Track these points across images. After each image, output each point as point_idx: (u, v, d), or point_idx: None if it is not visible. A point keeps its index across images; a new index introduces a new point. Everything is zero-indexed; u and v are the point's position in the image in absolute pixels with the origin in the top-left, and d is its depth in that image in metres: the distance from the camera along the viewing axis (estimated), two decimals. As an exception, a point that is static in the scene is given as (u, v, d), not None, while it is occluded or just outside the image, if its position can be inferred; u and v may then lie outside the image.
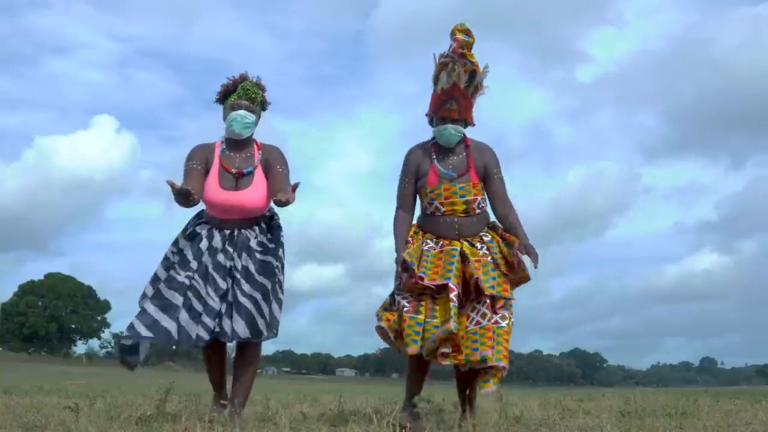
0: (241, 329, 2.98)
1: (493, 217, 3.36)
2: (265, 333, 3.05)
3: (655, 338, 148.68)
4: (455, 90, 3.20)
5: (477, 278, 3.05)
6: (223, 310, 3.02)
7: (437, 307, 3.05)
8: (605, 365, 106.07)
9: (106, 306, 70.42)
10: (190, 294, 3.01)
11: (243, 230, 3.14)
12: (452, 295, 2.98)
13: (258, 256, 3.09)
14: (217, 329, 3.00)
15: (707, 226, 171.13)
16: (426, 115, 3.34)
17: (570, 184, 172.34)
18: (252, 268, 3.06)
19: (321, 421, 3.26)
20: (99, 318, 71.64)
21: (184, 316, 2.97)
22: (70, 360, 65.80)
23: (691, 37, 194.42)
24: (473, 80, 3.24)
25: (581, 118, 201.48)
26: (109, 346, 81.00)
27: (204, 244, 3.11)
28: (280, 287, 3.16)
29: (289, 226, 3.41)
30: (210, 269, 3.06)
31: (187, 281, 3.03)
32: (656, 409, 4.40)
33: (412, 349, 2.99)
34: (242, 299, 2.99)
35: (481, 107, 3.39)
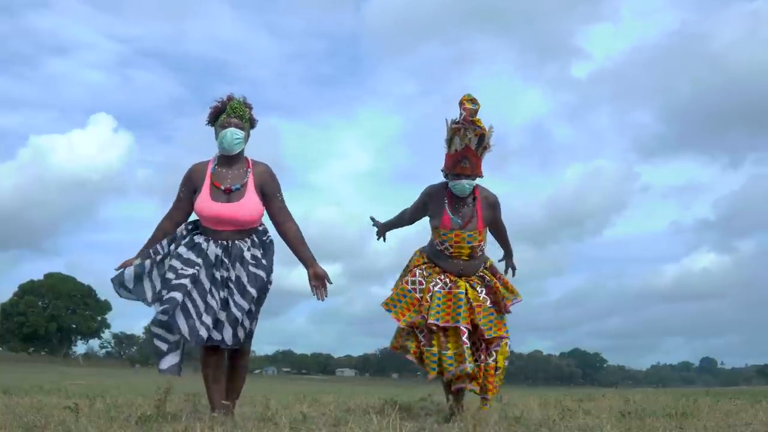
0: (229, 337, 3.14)
1: (492, 257, 3.98)
2: (243, 341, 3.24)
3: (655, 338, 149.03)
4: (468, 151, 3.70)
5: (478, 325, 3.65)
6: (222, 318, 3.19)
7: (449, 342, 3.64)
8: (605, 365, 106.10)
9: (106, 306, 70.40)
10: (193, 295, 3.19)
11: (237, 241, 3.29)
12: (464, 338, 3.58)
13: (251, 268, 3.24)
14: (214, 335, 3.16)
15: (705, 225, 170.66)
16: (441, 170, 3.84)
17: (567, 183, 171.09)
18: (244, 279, 3.21)
19: (321, 421, 3.27)
20: (99, 318, 71.64)
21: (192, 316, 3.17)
22: (69, 360, 65.88)
23: (688, 32, 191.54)
24: (482, 142, 3.73)
25: (578, 115, 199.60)
26: (109, 346, 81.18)
27: (203, 253, 3.27)
28: (261, 303, 3.33)
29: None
30: (210, 278, 3.24)
31: (188, 284, 3.18)
32: (656, 409, 4.40)
33: (431, 375, 3.65)
34: (234, 309, 3.15)
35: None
